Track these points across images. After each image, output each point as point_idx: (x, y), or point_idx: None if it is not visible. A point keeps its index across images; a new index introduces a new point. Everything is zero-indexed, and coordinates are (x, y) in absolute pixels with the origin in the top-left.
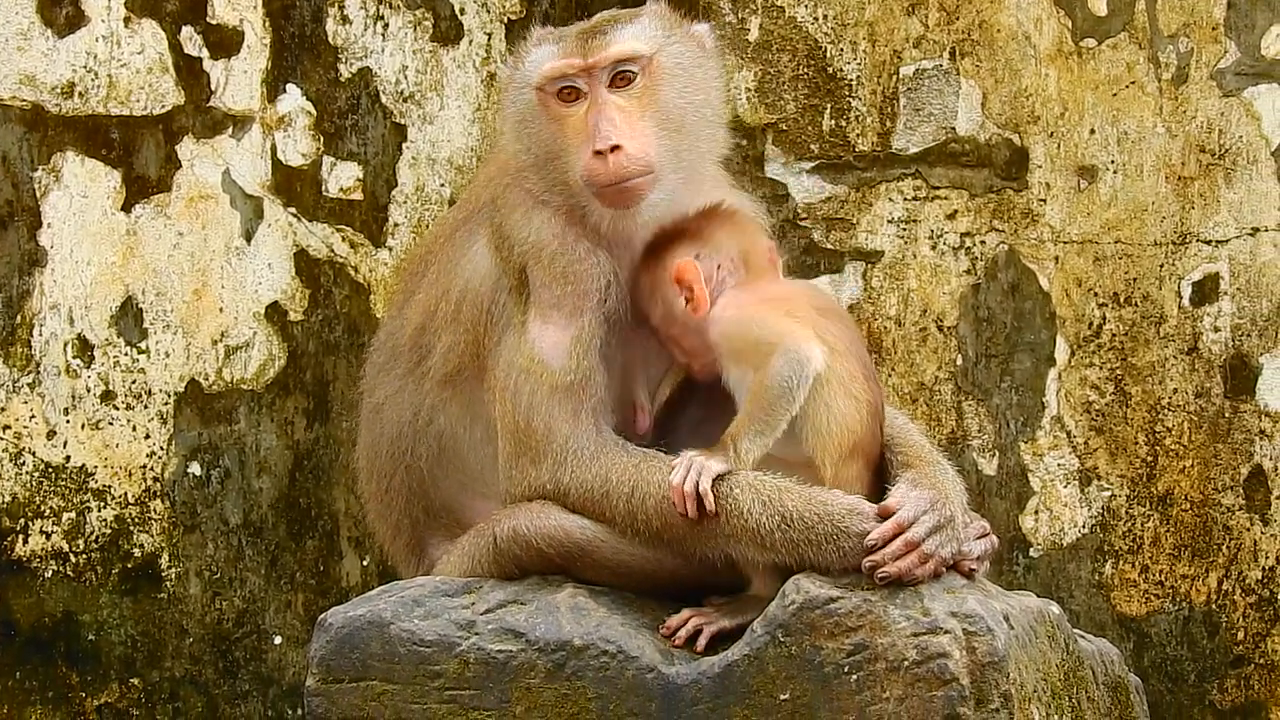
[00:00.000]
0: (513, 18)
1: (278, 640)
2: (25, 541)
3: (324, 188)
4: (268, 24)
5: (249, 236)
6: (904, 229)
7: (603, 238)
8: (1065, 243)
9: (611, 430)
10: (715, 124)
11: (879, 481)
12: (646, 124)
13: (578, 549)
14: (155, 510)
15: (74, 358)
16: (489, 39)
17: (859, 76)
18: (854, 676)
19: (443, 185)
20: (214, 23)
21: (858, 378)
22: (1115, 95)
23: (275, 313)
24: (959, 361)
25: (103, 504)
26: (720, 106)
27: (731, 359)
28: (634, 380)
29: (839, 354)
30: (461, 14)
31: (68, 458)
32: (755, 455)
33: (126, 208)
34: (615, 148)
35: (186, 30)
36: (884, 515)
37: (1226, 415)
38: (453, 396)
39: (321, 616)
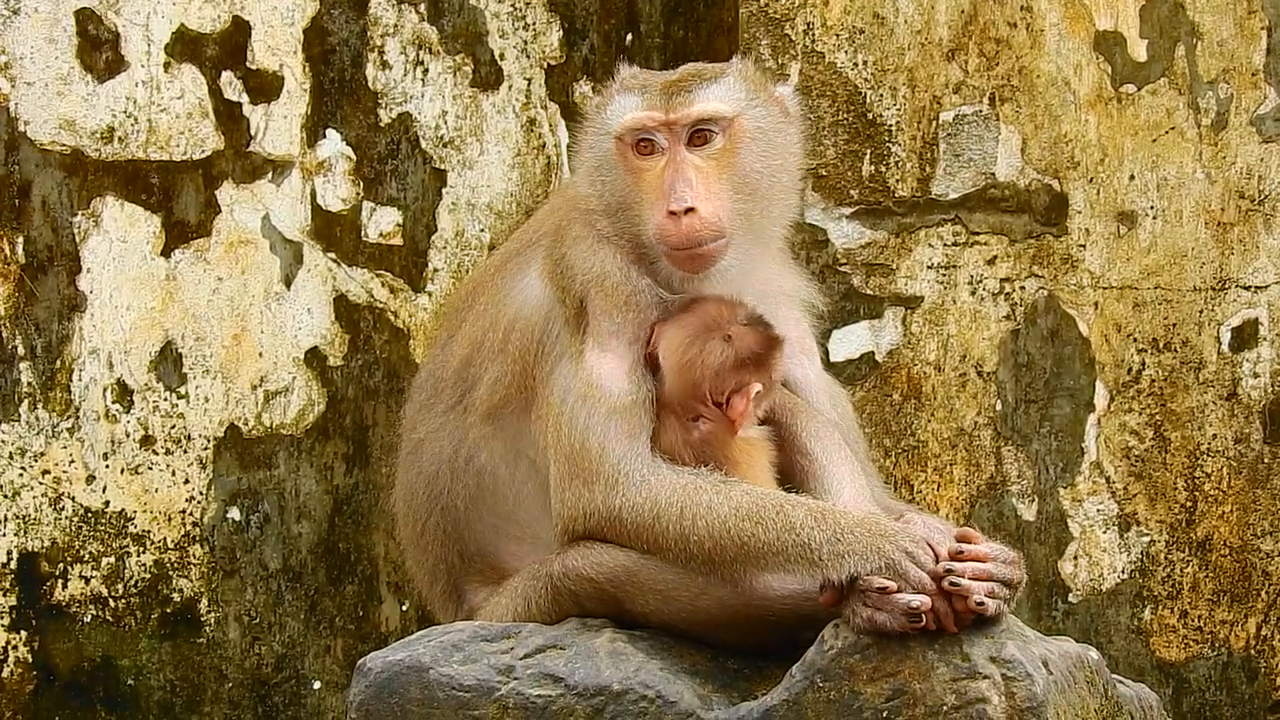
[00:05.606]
0: (552, 63)
1: (317, 685)
2: (65, 586)
3: (364, 233)
4: (307, 69)
5: (288, 282)
6: (943, 274)
7: (664, 281)
8: (1105, 288)
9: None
10: (790, 190)
11: None
12: (722, 186)
13: (626, 573)
14: (194, 555)
15: (113, 403)
16: (529, 84)
17: (899, 122)
18: None
19: (482, 230)
20: (254, 68)
21: None
22: (1155, 141)
23: (315, 358)
24: (998, 407)
25: (142, 549)
26: (797, 173)
27: None
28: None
29: None
30: (501, 59)
31: (107, 503)
32: None
33: (166, 253)
34: (689, 210)
35: (226, 75)
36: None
37: (1266, 460)
38: (495, 433)
39: (360, 661)
